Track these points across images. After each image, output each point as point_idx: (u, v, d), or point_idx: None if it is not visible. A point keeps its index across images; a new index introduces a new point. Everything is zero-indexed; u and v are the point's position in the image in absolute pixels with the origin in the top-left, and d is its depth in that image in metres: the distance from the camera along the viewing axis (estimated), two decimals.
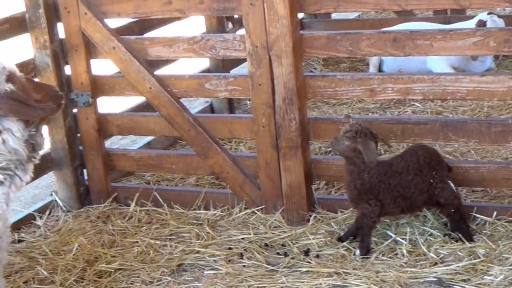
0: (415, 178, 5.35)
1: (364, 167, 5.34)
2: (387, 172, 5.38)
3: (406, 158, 5.43)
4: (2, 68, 3.92)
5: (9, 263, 5.54)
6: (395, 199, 5.36)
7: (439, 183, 5.35)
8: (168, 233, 5.98)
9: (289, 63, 5.63)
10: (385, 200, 5.36)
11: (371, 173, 5.35)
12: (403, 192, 5.35)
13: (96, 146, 6.46)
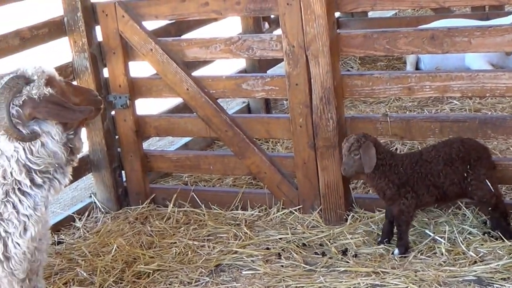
0: (445, 169, 5.30)
1: (395, 161, 5.34)
2: (418, 162, 5.36)
3: (438, 148, 5.39)
4: (41, 72, 3.93)
5: (49, 264, 5.59)
6: (428, 187, 5.32)
7: (474, 180, 5.29)
8: (206, 234, 6.00)
9: (326, 62, 5.61)
10: (419, 190, 5.32)
11: (405, 164, 5.34)
12: (434, 181, 5.32)
13: (134, 147, 6.49)
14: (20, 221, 3.86)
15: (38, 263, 4.07)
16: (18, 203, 3.86)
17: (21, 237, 3.88)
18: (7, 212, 3.84)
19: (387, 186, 5.36)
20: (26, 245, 3.90)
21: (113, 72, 6.36)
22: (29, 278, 4.00)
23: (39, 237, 4.03)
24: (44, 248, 4.17)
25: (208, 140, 7.76)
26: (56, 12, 6.36)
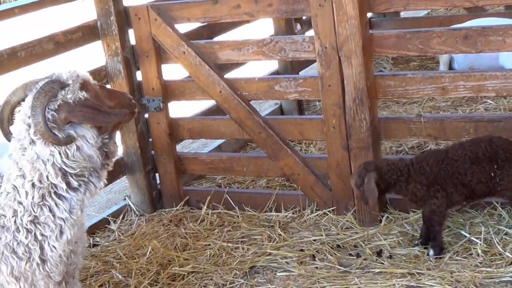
0: (472, 167, 5.25)
1: (419, 162, 5.33)
2: (444, 160, 5.32)
3: (464, 146, 5.34)
4: (76, 77, 3.95)
5: (85, 267, 5.63)
6: (456, 186, 5.29)
7: (502, 180, 5.22)
8: (240, 236, 6.01)
9: (359, 63, 5.60)
10: (449, 188, 5.29)
11: (430, 163, 5.32)
12: (461, 179, 5.27)
13: (167, 150, 6.52)
14: (56, 224, 3.89)
15: (74, 266, 4.09)
16: (54, 207, 3.89)
17: (57, 240, 3.91)
18: (44, 216, 3.87)
19: (416, 188, 5.33)
20: (62, 248, 3.93)
21: (146, 75, 6.40)
22: (65, 281, 4.03)
23: (75, 239, 4.05)
24: (80, 251, 4.19)
25: (241, 142, 7.77)
26: (90, 16, 6.40)
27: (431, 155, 5.40)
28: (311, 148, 7.50)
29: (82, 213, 4.05)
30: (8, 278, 3.87)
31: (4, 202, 3.87)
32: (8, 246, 3.85)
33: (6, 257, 3.85)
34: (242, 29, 7.84)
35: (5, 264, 3.86)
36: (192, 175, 7.01)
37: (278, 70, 8.47)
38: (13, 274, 3.87)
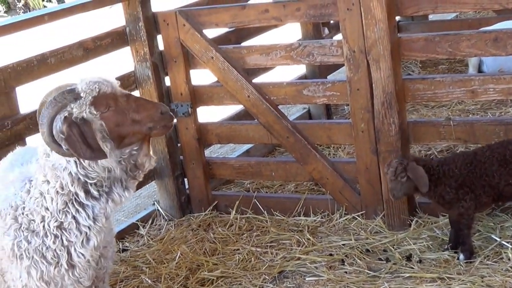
0: (499, 170, 5.20)
1: (447, 164, 5.28)
2: (472, 162, 5.28)
3: (492, 148, 5.30)
4: (90, 90, 3.81)
5: (114, 272, 5.66)
6: (484, 188, 5.24)
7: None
8: (269, 240, 6.00)
9: (388, 66, 5.58)
10: (477, 190, 5.24)
11: (458, 165, 5.27)
12: (489, 181, 5.23)
13: (196, 155, 6.54)
14: (81, 231, 3.88)
15: (104, 270, 4.10)
16: (76, 214, 3.87)
17: (83, 246, 3.90)
18: (67, 222, 3.87)
19: (445, 190, 5.28)
20: (89, 254, 3.93)
21: (174, 81, 6.42)
22: (95, 285, 4.05)
23: (104, 244, 4.06)
24: (110, 255, 4.20)
25: (269, 147, 7.77)
26: (118, 22, 6.44)
27: (459, 157, 5.36)
28: (340, 152, 7.48)
29: (108, 220, 4.03)
30: (38, 283, 3.89)
31: (33, 208, 3.89)
32: (37, 250, 3.87)
33: (36, 262, 3.87)
34: (270, 34, 7.84)
35: (35, 268, 3.88)
36: (220, 180, 7.02)
37: (306, 75, 8.46)
38: (43, 279, 3.89)
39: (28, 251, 3.88)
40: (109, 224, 4.09)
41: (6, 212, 3.89)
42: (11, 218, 3.88)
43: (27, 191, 3.93)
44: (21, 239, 3.88)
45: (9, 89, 5.38)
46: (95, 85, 3.80)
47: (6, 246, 3.89)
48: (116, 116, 3.83)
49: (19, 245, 3.88)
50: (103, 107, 3.80)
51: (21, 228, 3.88)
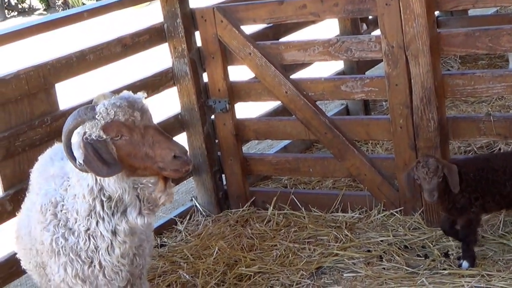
0: (511, 179, 5.12)
1: (462, 168, 5.15)
2: (484, 168, 5.18)
3: (506, 156, 5.22)
4: (106, 114, 3.71)
5: (153, 267, 5.69)
6: (495, 196, 5.17)
7: None
8: (307, 236, 5.99)
9: (427, 62, 5.53)
10: (486, 197, 5.17)
11: (469, 171, 5.17)
12: (500, 190, 5.15)
13: (234, 151, 6.54)
14: (104, 239, 3.88)
15: (140, 267, 4.09)
16: (97, 224, 3.86)
17: (109, 254, 3.89)
18: (92, 228, 3.88)
19: (461, 195, 5.15)
20: (116, 261, 3.92)
21: (212, 77, 6.43)
22: (131, 283, 4.04)
23: (139, 243, 4.04)
24: (147, 253, 4.19)
25: (307, 143, 7.75)
26: (156, 19, 6.47)
27: (471, 162, 5.30)
28: (378, 148, 7.45)
29: (135, 235, 3.95)
30: (74, 280, 3.92)
31: (70, 207, 3.91)
32: (73, 249, 3.90)
33: (72, 260, 3.90)
34: (308, 30, 7.82)
35: (71, 266, 3.91)
36: (258, 176, 7.02)
37: (344, 71, 8.42)
38: (78, 276, 3.91)
39: (65, 248, 3.91)
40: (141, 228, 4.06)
41: (47, 207, 3.93)
42: (51, 214, 3.91)
43: (65, 189, 3.96)
44: (59, 235, 3.91)
45: (48, 86, 5.43)
46: (113, 109, 3.70)
47: (46, 241, 3.93)
48: (128, 146, 3.73)
49: (57, 241, 3.91)
50: (114, 134, 3.72)
51: (60, 224, 3.91)
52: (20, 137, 5.22)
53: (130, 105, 3.71)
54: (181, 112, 6.53)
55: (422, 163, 5.09)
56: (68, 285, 3.94)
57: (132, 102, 3.73)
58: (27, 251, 4.23)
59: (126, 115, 3.68)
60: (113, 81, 6.64)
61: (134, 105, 3.72)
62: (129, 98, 3.75)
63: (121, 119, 3.68)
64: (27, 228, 4.16)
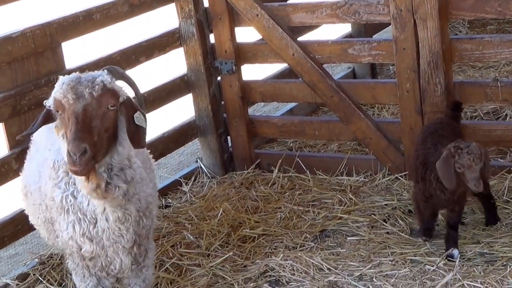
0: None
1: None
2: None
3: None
4: (58, 88, 3.70)
5: (157, 227, 5.70)
6: None
7: None
8: (311, 199, 6.00)
9: (435, 26, 5.49)
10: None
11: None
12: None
13: (239, 113, 6.53)
14: (95, 205, 3.90)
15: (147, 228, 4.10)
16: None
17: (106, 219, 3.90)
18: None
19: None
20: (115, 225, 3.92)
21: (219, 38, 6.40)
22: (138, 243, 4.06)
23: (145, 205, 4.04)
24: (153, 214, 4.21)
25: (313, 106, 7.73)
26: None
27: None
28: (384, 112, 7.43)
29: (129, 203, 3.91)
30: (81, 238, 3.94)
31: None
32: (80, 208, 3.91)
33: (79, 219, 3.92)
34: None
35: (78, 224, 3.93)
36: (263, 139, 7.01)
37: (352, 34, 8.37)
38: (86, 235, 3.93)
39: (73, 206, 3.92)
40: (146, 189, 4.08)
41: (59, 164, 3.93)
42: (63, 171, 3.91)
43: None
44: (69, 193, 3.92)
45: (55, 44, 5.41)
46: (59, 86, 3.71)
47: (56, 198, 3.94)
48: (61, 124, 3.74)
49: (66, 199, 3.92)
50: (55, 108, 3.73)
51: (70, 182, 3.92)
52: (26, 96, 5.22)
53: (71, 86, 3.68)
54: (187, 73, 6.51)
55: (466, 150, 4.63)
56: (76, 242, 3.96)
57: (76, 85, 3.68)
58: (36, 207, 4.25)
59: (61, 95, 3.68)
60: (120, 41, 6.61)
61: (74, 87, 3.67)
62: (76, 80, 3.70)
63: (58, 97, 3.69)
64: (37, 184, 4.19)
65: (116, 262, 4.04)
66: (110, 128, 3.72)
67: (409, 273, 4.86)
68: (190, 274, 5.22)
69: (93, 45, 8.41)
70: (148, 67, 6.52)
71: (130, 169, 3.86)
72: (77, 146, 3.54)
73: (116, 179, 3.78)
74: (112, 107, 3.71)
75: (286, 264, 5.11)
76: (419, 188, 5.01)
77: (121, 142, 3.79)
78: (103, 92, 3.69)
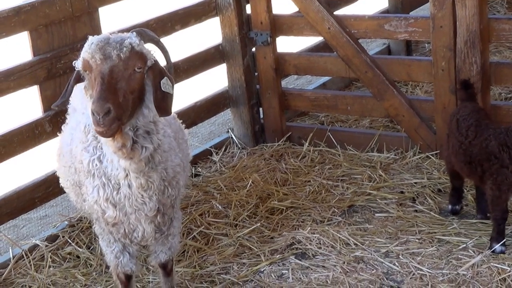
0: None
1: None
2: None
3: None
4: (85, 48, 3.71)
5: (186, 196, 5.75)
6: None
7: None
8: (340, 174, 6.00)
9: (474, 4, 5.44)
10: None
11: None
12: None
13: (272, 85, 6.53)
14: (118, 170, 3.89)
15: (173, 197, 4.10)
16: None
17: (129, 186, 3.91)
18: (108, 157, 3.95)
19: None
20: (138, 192, 3.92)
21: (255, 9, 6.38)
22: (162, 212, 4.06)
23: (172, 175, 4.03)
24: (182, 184, 4.21)
25: (346, 81, 7.70)
26: None
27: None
28: (417, 90, 7.38)
29: (152, 171, 3.91)
30: (105, 203, 3.96)
31: None
32: (105, 173, 3.92)
33: (103, 184, 3.94)
34: None
35: (103, 189, 3.94)
36: (295, 112, 7.00)
37: (389, 10, 8.31)
38: (109, 200, 3.95)
39: (99, 170, 3.94)
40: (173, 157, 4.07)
41: (90, 128, 3.94)
42: (93, 135, 3.93)
43: None
44: (95, 157, 3.94)
45: (92, 9, 5.43)
46: (87, 46, 3.72)
47: (84, 161, 3.96)
48: (89, 84, 3.77)
49: (93, 163, 3.95)
50: (83, 69, 3.75)
51: (98, 146, 3.94)
52: (62, 59, 5.26)
53: (100, 47, 3.68)
54: (222, 43, 6.51)
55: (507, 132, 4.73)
56: (100, 207, 3.99)
57: (105, 45, 3.68)
58: (67, 169, 4.29)
59: (90, 55, 3.68)
60: (156, 8, 6.62)
61: (102, 48, 3.67)
62: (105, 40, 3.70)
63: (87, 58, 3.70)
64: (69, 146, 4.22)
65: (139, 230, 4.06)
66: (136, 90, 3.72)
67: (436, 252, 4.86)
68: (217, 243, 5.26)
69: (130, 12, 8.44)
70: (183, 35, 6.51)
71: (157, 134, 3.86)
72: (101, 106, 3.55)
73: (142, 139, 3.79)
74: (139, 69, 3.72)
75: (313, 238, 5.14)
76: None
77: (147, 104, 3.79)
78: (131, 54, 3.69)
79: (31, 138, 5.20)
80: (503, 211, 4.79)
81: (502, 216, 4.80)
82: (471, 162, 4.88)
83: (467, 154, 4.90)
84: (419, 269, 4.70)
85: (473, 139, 4.88)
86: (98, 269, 5.07)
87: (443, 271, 4.66)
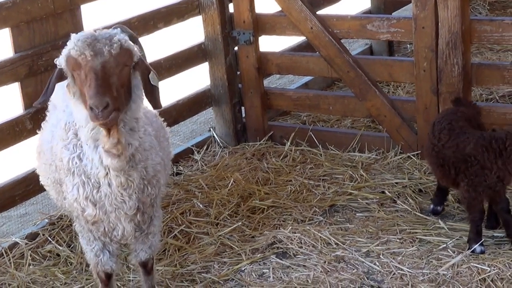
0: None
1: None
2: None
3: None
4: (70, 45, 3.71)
5: (167, 194, 5.73)
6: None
7: None
8: (322, 174, 6.01)
9: (456, 5, 5.46)
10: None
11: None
12: None
13: (255, 84, 6.52)
14: (98, 169, 3.87)
15: (153, 196, 4.09)
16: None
17: (109, 184, 3.89)
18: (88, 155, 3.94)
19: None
20: (117, 191, 3.91)
21: (238, 8, 6.38)
22: (142, 211, 4.04)
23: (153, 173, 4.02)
24: (162, 183, 4.20)
25: (328, 81, 7.71)
26: None
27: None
28: (399, 90, 7.41)
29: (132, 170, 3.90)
30: (85, 202, 3.95)
31: None
32: (85, 171, 3.91)
33: (83, 182, 3.92)
34: None
35: (82, 188, 3.93)
36: (277, 111, 7.01)
37: (371, 10, 8.33)
38: (89, 199, 3.94)
39: (79, 168, 3.93)
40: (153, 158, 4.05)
41: (70, 126, 3.94)
42: (73, 133, 3.93)
43: None
44: (75, 155, 3.93)
45: (74, 7, 5.41)
46: (73, 43, 3.70)
47: (64, 159, 3.95)
48: (78, 82, 3.74)
49: (73, 161, 3.93)
50: (70, 67, 3.73)
51: (78, 144, 3.92)
52: (43, 57, 5.24)
53: (88, 43, 3.66)
54: (204, 41, 6.50)
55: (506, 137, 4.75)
56: (80, 205, 3.97)
57: (93, 41, 3.67)
58: (47, 167, 4.27)
59: (78, 52, 3.66)
60: (139, 6, 6.60)
61: (91, 44, 3.66)
62: (92, 37, 3.69)
63: (74, 55, 3.68)
64: (50, 144, 4.20)
65: (119, 228, 4.04)
66: (125, 85, 3.73)
67: (416, 251, 4.88)
68: (198, 242, 5.25)
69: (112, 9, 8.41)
70: (166, 34, 6.50)
71: (138, 132, 3.86)
72: (100, 100, 3.56)
73: (128, 136, 3.80)
74: (127, 65, 3.73)
75: (294, 237, 5.13)
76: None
77: (134, 99, 3.81)
78: (121, 50, 3.69)
79: (11, 135, 5.18)
80: (480, 212, 4.83)
81: (479, 217, 4.83)
82: (443, 165, 4.92)
83: (440, 156, 4.95)
84: (400, 268, 4.71)
85: (446, 142, 4.91)
86: (79, 267, 5.05)
87: (424, 270, 4.67)
